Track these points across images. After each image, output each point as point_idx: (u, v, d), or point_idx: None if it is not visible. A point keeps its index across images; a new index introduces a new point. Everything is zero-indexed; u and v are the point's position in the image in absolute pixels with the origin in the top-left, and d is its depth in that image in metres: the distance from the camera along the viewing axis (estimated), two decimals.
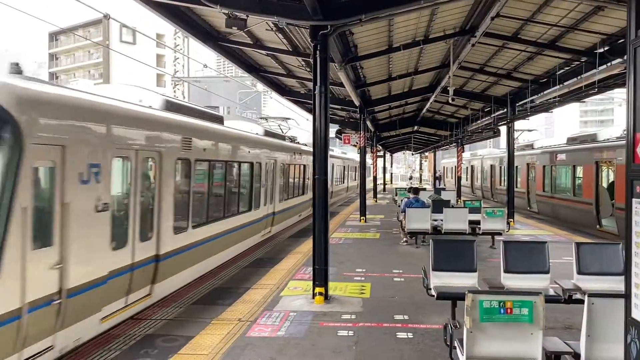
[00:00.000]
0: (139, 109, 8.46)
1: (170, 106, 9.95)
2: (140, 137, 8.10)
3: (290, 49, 12.72)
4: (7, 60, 6.60)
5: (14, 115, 5.45)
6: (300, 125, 29.65)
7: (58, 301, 6.01)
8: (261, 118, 25.20)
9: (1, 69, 5.56)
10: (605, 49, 12.01)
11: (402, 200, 16.82)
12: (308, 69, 14.55)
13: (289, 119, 23.01)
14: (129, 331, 7.34)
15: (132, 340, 6.99)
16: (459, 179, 32.98)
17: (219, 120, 12.67)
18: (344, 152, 42.97)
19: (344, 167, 38.58)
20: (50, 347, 5.92)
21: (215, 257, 11.34)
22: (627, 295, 3.49)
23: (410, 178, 65.53)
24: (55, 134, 6.08)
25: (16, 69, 6.22)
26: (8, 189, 5.30)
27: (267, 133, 17.57)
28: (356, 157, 34.89)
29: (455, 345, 4.84)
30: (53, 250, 5.97)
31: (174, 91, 44.83)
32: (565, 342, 4.78)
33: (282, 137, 19.89)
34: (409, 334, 6.79)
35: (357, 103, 18.85)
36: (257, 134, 15.98)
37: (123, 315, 7.58)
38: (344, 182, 38.46)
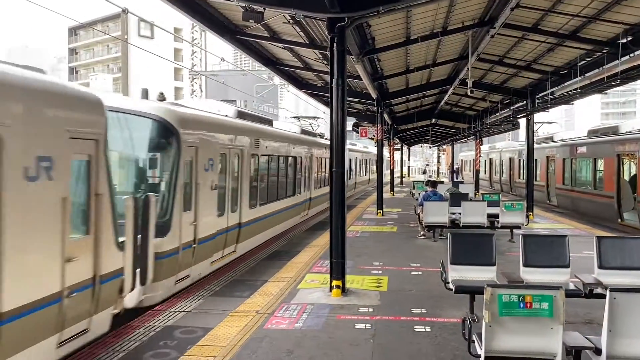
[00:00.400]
0: (228, 119, 11.68)
1: (240, 114, 12.83)
2: (231, 139, 11.05)
3: (307, 42, 12.69)
4: (27, 56, 6.77)
5: (177, 128, 8.59)
6: (327, 122, 31.07)
7: (193, 246, 9.07)
8: (294, 117, 27.46)
9: (22, 63, 5.70)
10: (629, 39, 11.79)
11: (419, 194, 16.74)
12: (325, 62, 14.52)
13: (318, 117, 25.32)
14: (148, 322, 7.42)
15: (152, 332, 7.07)
16: (477, 172, 32.70)
17: (270, 122, 15.56)
18: (364, 145, 42.96)
19: (364, 160, 38.85)
20: (187, 275, 9.02)
21: (270, 230, 14.23)
22: None
23: (424, 172, 62.73)
24: (193, 140, 9.08)
25: (161, 97, 9.71)
26: (174, 174, 8.42)
27: (303, 131, 20.37)
28: (373, 150, 34.86)
29: (474, 339, 4.81)
30: (191, 213, 9.01)
31: (192, 85, 45.09)
32: (586, 337, 4.72)
33: (314, 135, 22.37)
34: (426, 327, 6.76)
35: (374, 96, 18.76)
36: (295, 132, 18.53)
37: (221, 262, 10.58)
38: (366, 174, 38.86)
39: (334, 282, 8.30)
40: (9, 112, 4.77)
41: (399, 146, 49.16)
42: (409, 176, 62.20)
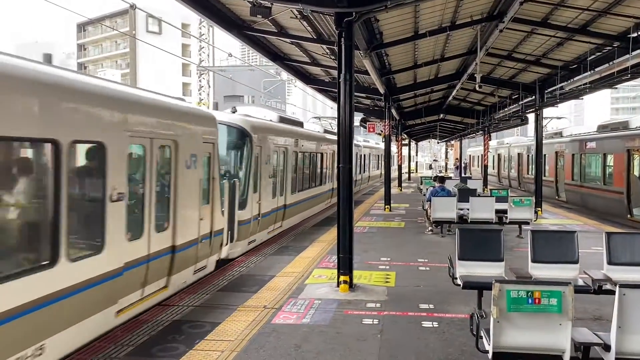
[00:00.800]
0: (277, 124, 15.41)
1: (281, 119, 16.46)
2: (280, 140, 14.65)
3: (315, 37, 12.65)
4: (37, 51, 6.96)
5: (250, 133, 12.30)
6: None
7: (258, 218, 12.64)
8: (315, 117, 31.23)
9: (32, 58, 5.89)
10: (639, 33, 11.66)
11: (427, 189, 16.69)
12: (333, 57, 14.48)
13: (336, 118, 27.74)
14: (156, 317, 7.47)
15: (160, 326, 7.11)
16: (486, 167, 32.55)
17: (301, 124, 19.25)
18: (376, 142, 43.06)
19: (376, 155, 39.32)
20: (254, 240, 12.49)
21: (305, 212, 17.76)
22: None
23: (431, 167, 61.49)
24: (259, 142, 12.64)
25: (233, 110, 13.55)
26: (248, 166, 12.07)
27: (326, 131, 23.43)
28: (381, 145, 34.95)
29: (482, 335, 4.79)
30: (257, 194, 12.54)
31: (199, 80, 45.16)
32: (594, 333, 4.69)
33: (334, 134, 24.01)
34: (434, 323, 6.75)
35: (382, 91, 18.70)
36: (319, 132, 21.88)
37: (273, 233, 14.15)
38: (377, 169, 39.66)
39: (342, 278, 8.30)
40: (178, 128, 8.20)
41: (406, 142, 48.98)
42: (416, 172, 62.04)
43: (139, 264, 7.34)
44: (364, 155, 35.55)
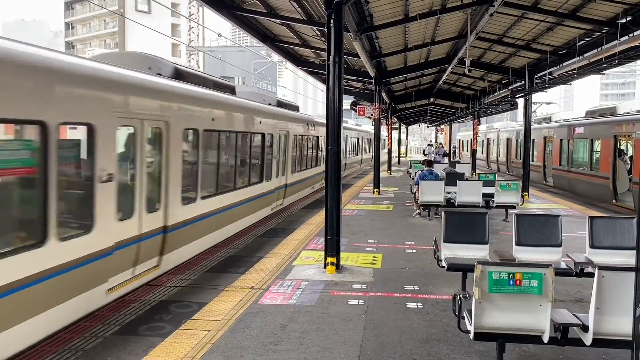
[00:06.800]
0: (297, 114, 19.47)
1: (279, 103, 17.81)
2: (295, 127, 18.05)
3: (305, 18, 12.57)
4: (24, 30, 6.86)
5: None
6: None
7: (285, 188, 16.54)
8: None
9: (18, 37, 6.02)
10: (628, 19, 11.70)
11: (416, 173, 16.76)
12: (323, 39, 14.40)
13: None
14: (143, 297, 7.51)
15: (147, 306, 7.16)
16: (474, 152, 32.71)
17: (297, 108, 20.73)
18: (358, 124, 43.04)
19: (358, 138, 39.25)
20: (281, 203, 16.64)
21: (308, 189, 20.69)
22: (637, 269, 3.48)
23: (425, 153, 59.57)
24: (283, 129, 16.31)
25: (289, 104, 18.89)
26: (285, 148, 16.51)
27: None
28: (371, 129, 35.07)
29: (464, 315, 4.88)
30: (284, 172, 16.35)
31: (189, 61, 44.71)
32: (574, 314, 4.79)
33: (345, 121, 30.90)
34: (418, 304, 6.85)
35: (372, 74, 18.66)
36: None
37: (308, 200, 19.01)
38: (358, 155, 39.52)
39: (329, 259, 8.36)
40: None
41: (397, 125, 48.96)
42: (406, 155, 62.17)
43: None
44: (359, 139, 38.81)
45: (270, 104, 16.18)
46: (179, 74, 9.68)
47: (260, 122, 13.74)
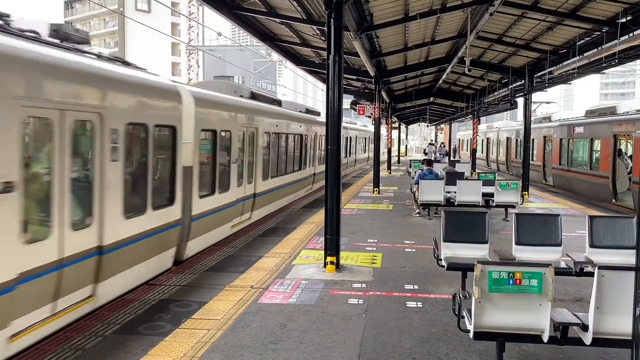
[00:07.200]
0: (314, 117, 22.55)
1: (253, 95, 18.71)
2: (315, 129, 21.60)
3: (305, 17, 12.56)
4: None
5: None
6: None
7: (314, 177, 21.76)
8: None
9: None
10: (628, 18, 11.69)
11: (415, 172, 16.75)
12: (323, 38, 14.39)
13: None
14: (143, 296, 7.51)
15: (147, 305, 7.16)
16: (474, 151, 32.72)
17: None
18: (352, 121, 43.26)
19: (358, 138, 39.43)
20: (310, 188, 21.38)
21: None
22: (637, 269, 3.48)
23: (425, 152, 59.48)
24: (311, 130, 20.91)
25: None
26: (315, 146, 21.89)
27: (349, 122, 33.72)
28: (371, 128, 35.21)
29: (464, 314, 4.88)
30: (315, 162, 21.89)
31: (189, 60, 44.69)
32: (573, 314, 4.79)
33: (354, 123, 38.45)
34: (418, 303, 6.85)
35: (372, 73, 18.65)
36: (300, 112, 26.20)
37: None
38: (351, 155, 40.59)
39: (328, 258, 8.37)
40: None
41: (396, 125, 48.96)
42: (406, 155, 62.16)
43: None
44: (365, 138, 41.45)
45: (300, 111, 20.67)
46: (254, 95, 14.19)
47: (300, 126, 19.05)
